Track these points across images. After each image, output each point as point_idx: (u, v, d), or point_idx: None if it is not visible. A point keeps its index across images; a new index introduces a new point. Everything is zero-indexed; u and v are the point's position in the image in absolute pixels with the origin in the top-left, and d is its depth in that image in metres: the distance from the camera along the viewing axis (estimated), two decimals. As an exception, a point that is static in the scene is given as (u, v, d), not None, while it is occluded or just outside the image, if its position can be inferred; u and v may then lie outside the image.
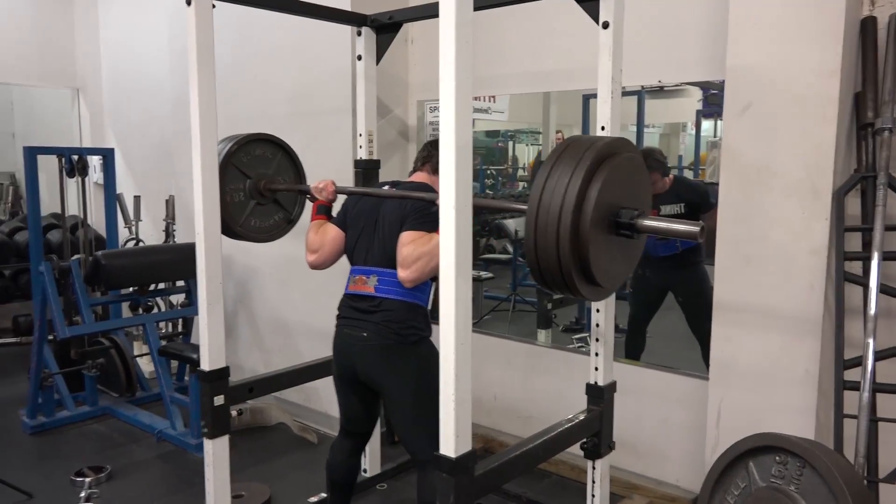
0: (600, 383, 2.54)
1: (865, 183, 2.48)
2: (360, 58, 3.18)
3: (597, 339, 2.52)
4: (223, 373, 2.67)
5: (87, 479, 3.42)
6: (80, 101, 6.53)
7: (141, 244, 5.26)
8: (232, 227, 2.89)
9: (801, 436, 2.48)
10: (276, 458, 3.84)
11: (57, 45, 6.29)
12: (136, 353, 4.77)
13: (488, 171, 6.02)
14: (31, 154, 4.23)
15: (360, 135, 3.24)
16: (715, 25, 2.83)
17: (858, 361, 2.29)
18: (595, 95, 2.39)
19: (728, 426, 2.79)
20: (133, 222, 5.31)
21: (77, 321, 3.98)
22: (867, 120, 2.48)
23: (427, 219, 2.38)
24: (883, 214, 2.34)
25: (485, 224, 5.72)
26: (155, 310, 4.78)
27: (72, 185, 4.58)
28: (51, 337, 4.09)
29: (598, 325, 2.52)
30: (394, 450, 3.64)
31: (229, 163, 2.83)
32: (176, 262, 4.15)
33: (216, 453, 2.67)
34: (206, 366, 2.62)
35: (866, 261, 2.37)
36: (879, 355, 2.29)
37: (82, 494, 3.30)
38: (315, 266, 2.70)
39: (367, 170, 3.22)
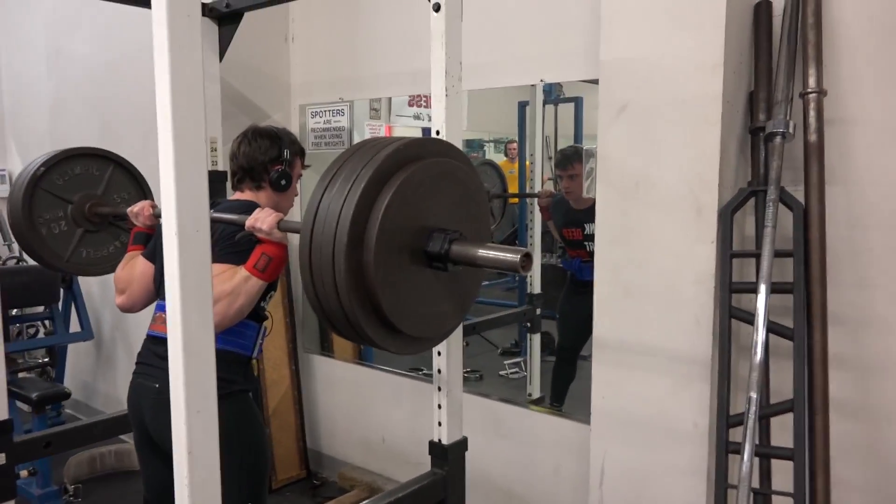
0: (444, 441, 2.10)
1: (758, 198, 2.07)
2: (196, 53, 2.75)
3: (439, 389, 2.09)
4: (4, 426, 2.21)
5: None
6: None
7: (23, 264, 4.79)
8: (55, 263, 2.45)
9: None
10: (133, 509, 3.37)
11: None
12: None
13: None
14: None
15: (206, 142, 2.79)
16: (597, 15, 2.42)
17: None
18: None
19: (612, 487, 2.36)
20: (12, 240, 4.83)
21: None
22: (759, 123, 2.08)
23: (234, 248, 1.89)
24: (772, 237, 1.92)
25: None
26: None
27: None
28: None
29: (440, 372, 2.08)
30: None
31: (37, 188, 2.38)
32: (32, 284, 3.68)
33: (-5, 523, 2.21)
34: (-19, 418, 2.17)
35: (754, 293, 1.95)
36: (766, 411, 1.86)
37: None
38: (125, 309, 2.19)
39: (210, 182, 2.77)
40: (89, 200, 2.49)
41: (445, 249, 1.40)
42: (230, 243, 1.90)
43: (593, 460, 2.40)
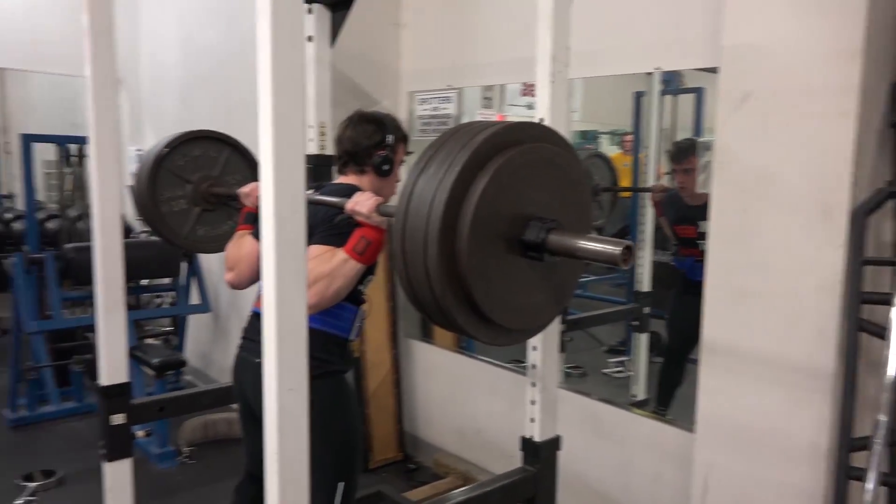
0: (537, 438, 2.04)
1: (898, 201, 1.87)
2: (310, 39, 2.81)
3: (533, 385, 2.03)
4: (123, 389, 2.37)
5: (31, 485, 3.25)
6: (122, 92, 6.55)
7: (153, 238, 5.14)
8: (174, 240, 2.57)
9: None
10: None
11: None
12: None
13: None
14: (26, 142, 4.14)
15: (311, 126, 2.87)
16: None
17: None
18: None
19: (716, 502, 2.22)
20: (146, 215, 5.18)
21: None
22: (904, 117, 1.87)
23: (334, 230, 1.92)
24: (913, 243, 1.73)
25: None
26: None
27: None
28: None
29: (534, 367, 2.03)
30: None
31: (161, 167, 2.50)
32: (155, 258, 3.93)
33: (114, 478, 2.37)
34: (103, 380, 2.33)
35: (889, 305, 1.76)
36: None
37: (18, 501, 3.12)
38: (234, 286, 2.27)
39: (317, 167, 2.85)
40: (206, 181, 2.60)
41: (542, 238, 1.34)
42: (330, 225, 1.92)
43: (697, 471, 2.27)
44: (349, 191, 1.95)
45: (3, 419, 4.06)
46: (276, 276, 1.41)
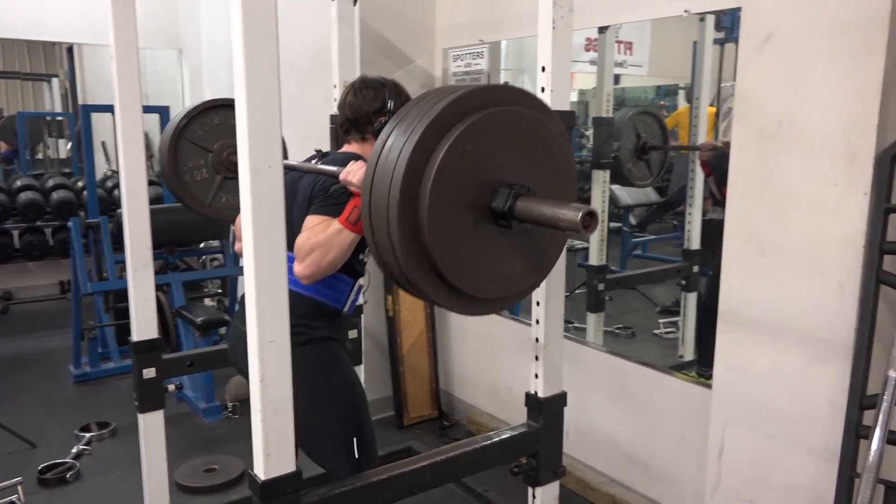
0: (541, 394, 2.02)
1: (931, 144, 1.72)
2: (332, -3, 2.79)
3: (536, 340, 2.00)
4: (153, 344, 2.48)
5: (86, 435, 3.46)
6: (183, 62, 6.74)
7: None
8: (198, 208, 2.66)
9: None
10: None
11: (162, 8, 6.50)
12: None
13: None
14: (86, 112, 4.33)
15: (335, 86, 2.86)
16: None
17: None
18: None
19: (732, 461, 2.15)
20: (200, 181, 5.34)
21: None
22: (938, 51, 1.70)
23: (330, 200, 1.89)
24: (941, 189, 1.59)
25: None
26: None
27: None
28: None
29: (538, 322, 1.99)
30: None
31: (181, 138, 2.56)
32: (203, 221, 4.03)
33: (148, 429, 2.50)
34: (134, 335, 2.44)
35: (912, 256, 1.63)
36: (911, 395, 1.57)
37: (73, 450, 3.33)
38: (241, 255, 2.33)
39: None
40: (227, 149, 2.62)
41: (510, 206, 1.30)
42: (326, 196, 1.90)
43: (713, 430, 2.19)
44: (347, 159, 1.92)
45: (69, 375, 4.33)
46: (253, 231, 1.43)
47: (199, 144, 2.59)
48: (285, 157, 2.71)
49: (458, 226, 1.28)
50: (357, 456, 2.02)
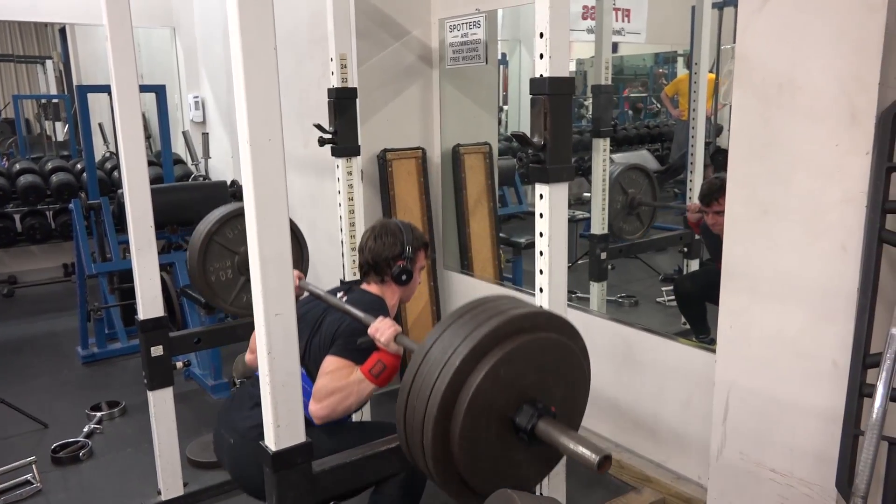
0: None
1: (933, 101, 1.71)
2: (326, -31, 2.76)
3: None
4: (160, 322, 2.50)
5: (97, 414, 3.50)
6: (177, 40, 6.68)
7: (207, 181, 5.30)
8: (219, 304, 2.73)
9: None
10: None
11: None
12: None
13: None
14: (82, 93, 4.30)
15: (332, 59, 2.84)
16: None
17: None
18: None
19: (737, 423, 2.18)
20: (200, 160, 5.34)
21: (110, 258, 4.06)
22: (940, 6, 1.68)
23: (352, 345, 1.96)
24: (943, 146, 1.58)
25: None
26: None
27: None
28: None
29: (541, 291, 2.00)
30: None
31: (212, 241, 2.63)
32: (204, 200, 4.05)
33: (158, 406, 2.53)
34: (141, 314, 2.46)
35: (914, 214, 1.63)
36: (913, 351, 1.58)
37: (85, 429, 3.37)
38: (252, 365, 2.27)
39: (340, 99, 2.84)
40: None
41: (532, 426, 1.34)
42: (349, 339, 1.97)
43: (717, 393, 2.21)
44: (374, 303, 2.06)
45: (77, 356, 4.37)
46: (255, 205, 1.43)
47: (227, 247, 2.67)
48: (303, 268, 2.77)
49: (485, 440, 1.34)
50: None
